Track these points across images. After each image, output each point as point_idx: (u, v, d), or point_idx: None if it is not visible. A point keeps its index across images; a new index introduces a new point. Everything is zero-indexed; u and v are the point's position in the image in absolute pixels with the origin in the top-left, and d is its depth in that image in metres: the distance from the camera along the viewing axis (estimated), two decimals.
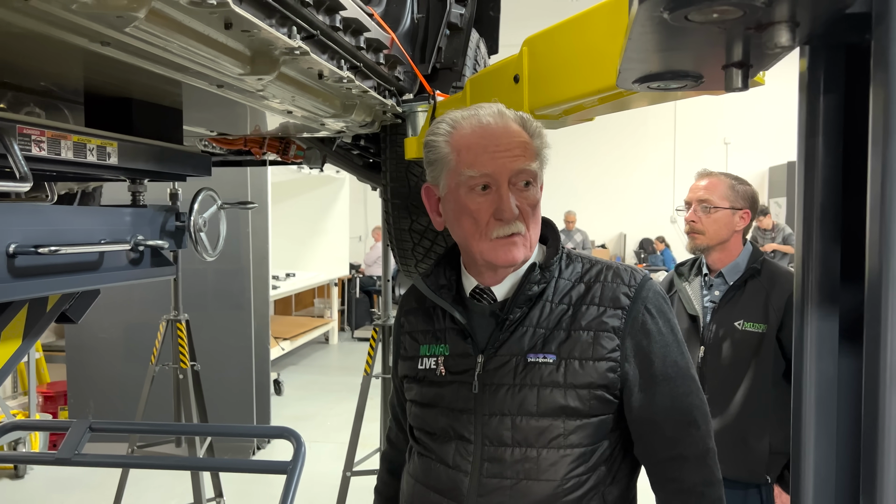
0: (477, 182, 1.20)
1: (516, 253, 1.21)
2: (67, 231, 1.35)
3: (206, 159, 1.81)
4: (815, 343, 0.81)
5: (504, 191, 1.19)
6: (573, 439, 1.19)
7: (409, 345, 1.37)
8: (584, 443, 1.20)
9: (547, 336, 1.22)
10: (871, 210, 0.64)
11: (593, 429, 1.20)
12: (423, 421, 1.30)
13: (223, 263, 5.34)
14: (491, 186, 1.20)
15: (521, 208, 1.20)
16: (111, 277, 1.46)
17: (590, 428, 1.20)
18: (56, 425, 2.75)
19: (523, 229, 1.21)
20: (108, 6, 0.90)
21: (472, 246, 1.24)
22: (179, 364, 3.74)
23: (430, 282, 1.32)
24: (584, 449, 1.20)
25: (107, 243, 1.44)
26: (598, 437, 1.21)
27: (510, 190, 1.19)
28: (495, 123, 1.22)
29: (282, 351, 7.95)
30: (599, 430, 1.21)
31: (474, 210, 1.20)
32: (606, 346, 1.20)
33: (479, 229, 1.21)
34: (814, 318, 0.81)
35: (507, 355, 1.22)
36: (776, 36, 0.71)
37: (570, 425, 1.19)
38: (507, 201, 1.18)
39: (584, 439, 1.20)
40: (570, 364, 1.19)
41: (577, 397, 1.19)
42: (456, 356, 1.27)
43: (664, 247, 12.61)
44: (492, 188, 1.20)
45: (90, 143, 1.36)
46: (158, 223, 1.67)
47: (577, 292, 1.25)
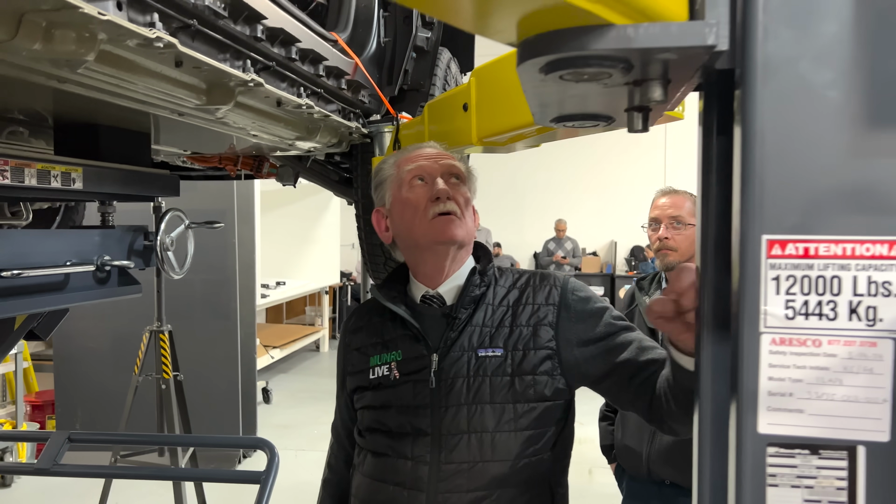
0: (414, 174, 1.39)
1: (455, 229, 1.36)
2: (33, 254, 1.42)
3: (173, 180, 1.88)
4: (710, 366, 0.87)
5: (437, 179, 1.37)
6: (523, 423, 1.33)
7: (356, 360, 1.46)
8: (533, 426, 1.33)
9: (493, 333, 1.37)
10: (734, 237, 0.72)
11: (540, 413, 1.34)
12: (379, 422, 1.40)
13: (210, 274, 5.41)
14: (426, 179, 1.38)
15: (453, 196, 1.37)
16: (77, 297, 1.53)
17: (537, 412, 1.34)
18: (36, 436, 2.81)
19: (457, 210, 1.37)
20: (57, 52, 0.97)
21: (416, 233, 1.38)
22: (162, 374, 3.79)
23: (384, 293, 1.43)
24: (534, 432, 1.34)
25: (72, 265, 1.51)
26: (545, 423, 1.35)
27: (444, 179, 1.38)
28: (430, 148, 1.44)
29: (271, 359, 8.00)
30: (545, 416, 1.35)
31: (414, 200, 1.38)
32: (544, 336, 1.36)
33: (419, 214, 1.37)
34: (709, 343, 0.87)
35: (460, 351, 1.36)
36: (651, 91, 0.78)
37: (521, 409, 1.33)
38: (440, 184, 1.36)
39: (533, 423, 1.33)
40: (516, 355, 1.34)
41: (523, 383, 1.33)
42: (409, 359, 1.39)
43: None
44: (427, 180, 1.38)
45: (54, 170, 1.43)
46: (126, 243, 1.74)
47: (513, 296, 1.41)
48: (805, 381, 0.71)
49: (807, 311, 0.71)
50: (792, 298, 0.71)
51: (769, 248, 0.71)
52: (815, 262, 0.70)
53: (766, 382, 0.72)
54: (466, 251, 1.43)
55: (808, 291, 0.71)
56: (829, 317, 0.70)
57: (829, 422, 0.71)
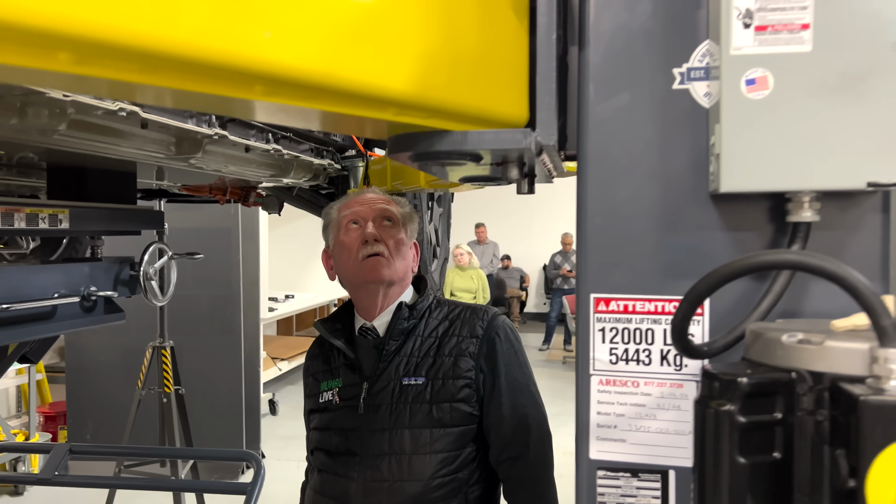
0: (350, 219, 1.54)
1: (381, 269, 1.50)
2: (26, 287, 1.60)
3: (158, 215, 2.05)
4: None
5: (368, 223, 1.52)
6: (438, 446, 1.45)
7: (311, 384, 1.62)
8: (448, 448, 1.46)
9: (418, 363, 1.50)
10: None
11: (455, 437, 1.46)
12: (322, 442, 1.56)
13: (215, 289, 5.61)
14: (359, 223, 1.53)
15: (383, 239, 1.51)
16: (64, 326, 1.70)
17: (452, 436, 1.46)
18: (39, 448, 2.99)
19: (385, 251, 1.51)
20: (32, 126, 1.14)
21: (349, 272, 1.54)
22: (164, 388, 3.98)
23: (328, 326, 1.58)
24: (448, 454, 1.46)
25: (60, 296, 1.68)
26: (460, 445, 1.47)
27: (375, 223, 1.52)
28: (370, 193, 1.58)
29: (279, 371, 8.18)
30: (461, 439, 1.47)
31: (348, 242, 1.53)
32: (463, 367, 1.48)
33: (352, 256, 1.52)
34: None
35: (387, 380, 1.49)
36: (509, 171, 0.94)
37: (437, 434, 1.45)
38: (369, 229, 1.51)
39: (448, 446, 1.46)
40: (436, 384, 1.47)
41: (441, 410, 1.46)
42: (347, 386, 1.54)
43: None
44: (360, 224, 1.53)
45: (42, 213, 1.60)
46: (113, 274, 1.91)
47: (443, 328, 1.54)
48: (626, 416, 0.85)
49: (627, 357, 0.85)
50: (615, 346, 0.85)
51: (596, 304, 0.86)
52: (633, 317, 0.85)
53: (596, 416, 0.86)
54: (401, 287, 1.57)
55: (627, 341, 0.85)
56: (644, 362, 0.85)
57: (646, 450, 0.85)
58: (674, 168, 0.83)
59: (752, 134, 0.71)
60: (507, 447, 1.48)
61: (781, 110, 0.70)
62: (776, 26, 0.70)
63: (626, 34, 0.84)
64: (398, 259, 1.53)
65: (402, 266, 1.55)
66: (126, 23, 0.46)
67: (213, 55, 0.52)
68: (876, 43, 0.68)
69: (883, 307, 0.56)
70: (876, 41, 0.68)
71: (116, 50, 0.46)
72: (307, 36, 0.58)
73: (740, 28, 0.71)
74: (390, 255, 1.51)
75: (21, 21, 0.42)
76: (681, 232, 0.83)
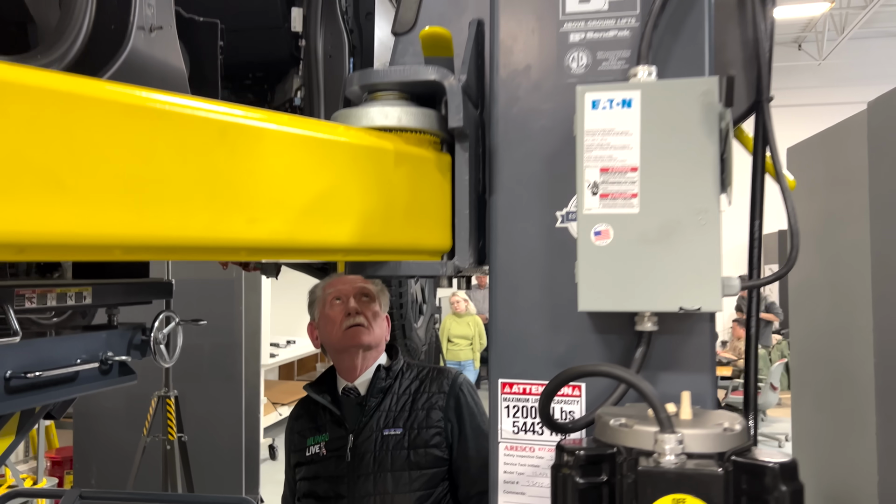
0: (333, 296, 1.84)
1: (362, 336, 1.80)
2: (52, 355, 1.87)
3: (167, 286, 2.33)
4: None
5: (349, 298, 1.82)
6: (416, 485, 1.74)
7: (297, 441, 1.87)
8: (424, 487, 1.75)
9: (396, 416, 1.79)
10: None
11: (430, 477, 1.75)
12: (311, 490, 1.83)
13: (218, 338, 5.86)
14: (342, 298, 1.81)
15: (363, 312, 1.80)
16: (84, 388, 1.97)
17: (427, 476, 1.75)
18: (52, 493, 3.23)
19: (365, 322, 1.81)
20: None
21: (334, 340, 1.83)
22: (168, 436, 4.21)
23: (315, 388, 1.85)
24: (424, 492, 1.75)
25: (82, 361, 1.95)
26: (434, 484, 1.76)
27: (356, 299, 1.82)
28: (349, 275, 1.85)
29: (279, 416, 8.37)
30: (434, 479, 1.76)
31: (332, 315, 1.83)
32: (434, 418, 1.78)
33: (337, 326, 1.82)
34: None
35: (370, 431, 1.79)
36: (442, 281, 1.21)
37: (415, 475, 1.74)
38: (351, 303, 1.81)
39: (424, 485, 1.75)
40: (412, 433, 1.77)
41: (417, 455, 1.75)
42: (334, 439, 1.82)
43: None
44: (343, 300, 1.80)
45: (69, 291, 1.88)
46: (127, 339, 2.18)
47: (415, 386, 1.85)
48: (525, 474, 1.11)
49: (525, 429, 1.12)
50: (517, 420, 1.12)
51: (502, 387, 1.12)
52: (530, 397, 1.11)
53: (503, 475, 1.12)
54: (377, 351, 1.86)
55: (526, 416, 1.12)
56: (538, 433, 1.11)
57: (540, 501, 1.10)
58: (558, 284, 1.10)
59: (599, 270, 0.99)
60: (474, 485, 1.75)
61: (619, 254, 0.98)
62: (614, 195, 0.98)
63: (523, 183, 1.13)
64: (376, 327, 1.83)
65: (379, 332, 1.85)
66: (163, 229, 0.74)
67: (215, 241, 0.80)
68: (683, 208, 0.96)
69: (662, 405, 0.83)
70: (683, 207, 0.96)
71: (146, 248, 0.75)
72: (276, 219, 0.86)
73: (590, 195, 0.99)
74: (369, 324, 1.81)
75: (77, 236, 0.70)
76: (564, 333, 1.10)
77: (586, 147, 0.99)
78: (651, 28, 1.03)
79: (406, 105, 1.08)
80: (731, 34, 1.13)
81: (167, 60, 1.37)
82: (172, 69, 1.37)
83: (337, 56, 2.43)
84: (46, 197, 0.64)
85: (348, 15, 2.58)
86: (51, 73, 0.70)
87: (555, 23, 1.10)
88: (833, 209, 3.79)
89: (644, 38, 1.03)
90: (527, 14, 1.12)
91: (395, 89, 1.09)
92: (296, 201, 0.88)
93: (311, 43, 2.36)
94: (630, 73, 1.02)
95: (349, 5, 2.59)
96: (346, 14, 2.53)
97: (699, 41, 1.06)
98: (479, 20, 1.19)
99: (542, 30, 1.11)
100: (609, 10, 1.08)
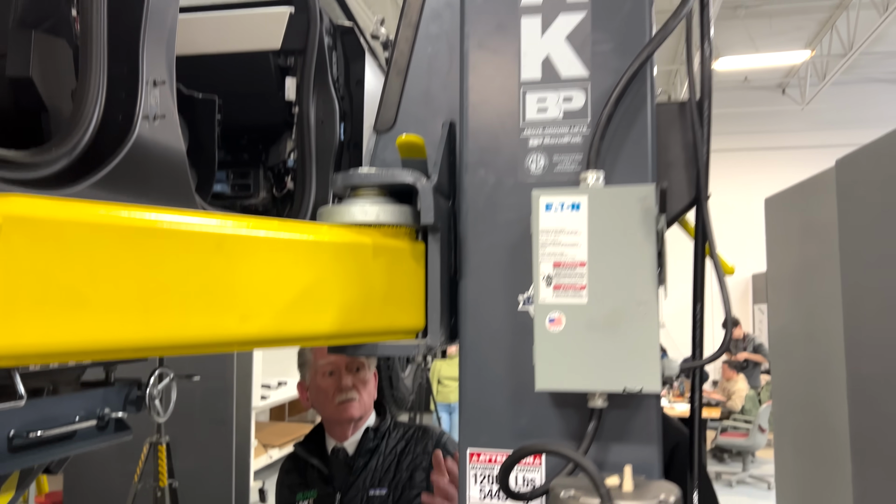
0: (325, 369, 1.91)
1: (353, 411, 1.90)
2: (52, 414, 1.96)
3: None
4: None
5: (343, 372, 1.90)
6: None
7: (287, 495, 1.97)
8: None
9: (381, 477, 1.89)
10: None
11: None
12: None
13: (210, 383, 5.91)
14: (334, 372, 1.90)
15: (355, 384, 1.90)
16: (82, 445, 2.06)
17: None
18: None
19: (356, 396, 1.91)
20: None
21: (326, 411, 1.90)
22: (158, 482, 4.26)
23: (304, 446, 1.94)
24: None
25: (80, 419, 2.04)
26: None
27: (346, 372, 1.88)
28: None
29: (270, 459, 8.37)
30: None
31: (325, 387, 1.92)
32: (418, 479, 1.88)
33: (328, 399, 1.92)
34: None
35: (356, 490, 1.88)
36: (418, 357, 1.33)
37: None
38: (344, 379, 1.90)
39: None
40: (396, 493, 1.86)
41: None
42: (322, 496, 1.92)
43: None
44: (335, 373, 1.89)
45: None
46: (123, 395, 2.28)
47: (400, 446, 1.94)
48: None
49: (491, 494, 1.22)
50: (483, 486, 1.23)
51: (470, 456, 1.23)
52: (495, 465, 1.22)
53: None
54: (366, 416, 1.95)
55: (492, 482, 1.22)
56: (503, 499, 1.22)
57: None
58: (521, 362, 1.22)
59: (554, 353, 1.11)
60: None
61: (571, 339, 1.10)
62: (566, 286, 1.11)
63: (489, 269, 1.25)
64: (366, 395, 1.93)
65: (369, 401, 1.95)
66: (166, 332, 0.86)
67: (210, 339, 0.92)
68: (626, 299, 1.09)
69: (602, 481, 0.94)
70: (626, 298, 1.09)
71: (151, 349, 0.87)
72: (265, 315, 0.98)
73: (545, 286, 1.11)
74: (360, 396, 1.91)
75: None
76: (526, 406, 1.22)
77: (541, 244, 1.12)
78: (599, 138, 1.17)
79: (384, 202, 1.21)
80: (674, 137, 1.27)
81: (169, 144, 1.51)
82: (173, 152, 1.50)
83: (328, 121, 2.59)
84: (71, 313, 0.76)
85: (339, 83, 2.75)
86: (74, 203, 0.82)
87: (516, 129, 1.24)
88: (808, 259, 3.94)
89: (592, 146, 1.17)
90: (492, 119, 1.26)
91: (374, 187, 1.23)
92: (283, 298, 1.01)
93: (304, 110, 2.52)
94: (581, 176, 1.16)
95: (340, 74, 2.76)
96: (337, 82, 2.70)
97: (643, 147, 1.20)
98: (451, 121, 1.34)
99: (505, 135, 1.25)
100: (563, 118, 1.23)
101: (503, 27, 1.25)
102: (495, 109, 1.26)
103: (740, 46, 11.05)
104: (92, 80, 1.26)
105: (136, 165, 1.32)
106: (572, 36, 1.22)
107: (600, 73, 1.21)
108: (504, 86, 1.26)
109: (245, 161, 2.69)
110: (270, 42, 2.48)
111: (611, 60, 1.21)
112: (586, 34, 1.22)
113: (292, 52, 2.51)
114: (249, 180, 2.72)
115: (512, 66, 1.25)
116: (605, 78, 1.21)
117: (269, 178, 2.66)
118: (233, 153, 2.64)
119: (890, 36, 11.08)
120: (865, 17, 10.23)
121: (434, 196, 1.19)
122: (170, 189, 1.42)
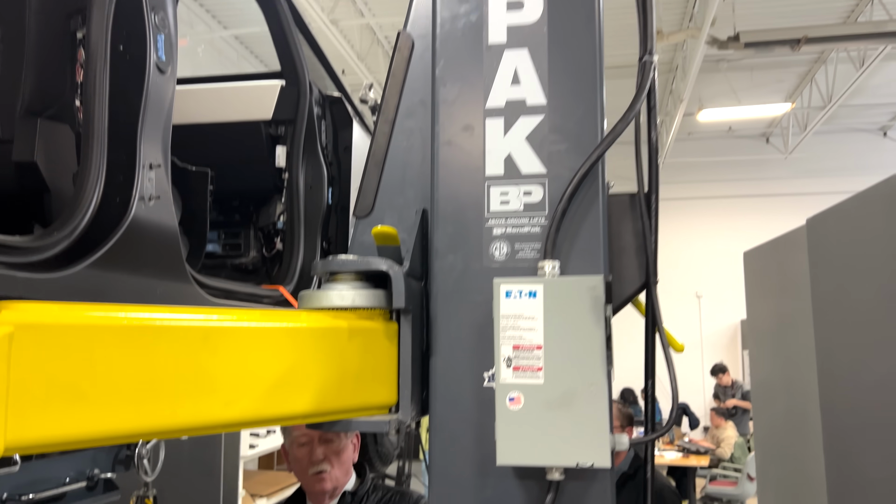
0: (301, 440, 2.01)
1: (324, 484, 1.99)
2: (44, 476, 2.03)
3: None
4: None
5: (315, 445, 1.98)
6: None
7: None
8: None
9: None
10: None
11: None
12: None
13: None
14: (306, 444, 1.99)
15: (326, 455, 1.97)
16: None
17: None
18: None
19: (328, 468, 1.98)
20: None
21: (302, 480, 2.02)
22: None
23: None
24: None
25: (71, 481, 2.11)
26: None
27: (318, 444, 1.95)
28: None
29: None
30: None
31: (300, 457, 2.02)
32: None
33: (302, 470, 2.01)
34: None
35: None
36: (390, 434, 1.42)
37: None
38: (315, 452, 1.98)
39: None
40: None
41: None
42: None
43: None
44: (307, 444, 1.99)
45: None
46: (112, 455, 2.34)
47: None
48: None
49: None
50: None
51: None
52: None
53: None
54: (346, 478, 2.03)
55: None
56: None
57: None
58: (486, 436, 1.31)
59: (514, 429, 1.20)
60: None
61: (529, 417, 1.20)
62: (524, 367, 1.21)
63: (457, 348, 1.36)
64: (339, 469, 2.01)
65: (343, 471, 2.03)
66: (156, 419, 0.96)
67: (196, 423, 1.02)
68: (578, 380, 1.19)
69: None
70: (578, 379, 1.19)
71: (142, 434, 0.96)
72: (247, 399, 1.08)
73: (505, 367, 1.22)
74: (332, 468, 1.99)
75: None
76: (491, 478, 1.31)
77: (502, 328, 1.23)
78: (555, 230, 1.29)
79: (360, 287, 1.32)
80: (625, 225, 1.39)
81: (162, 222, 1.62)
82: (167, 229, 1.61)
83: (317, 186, 2.72)
84: (72, 408, 0.86)
85: (328, 150, 2.89)
86: (76, 308, 0.93)
87: (481, 219, 1.36)
88: (784, 313, 4.05)
89: (549, 238, 1.29)
90: (460, 210, 1.38)
91: (352, 273, 1.34)
92: (264, 382, 1.11)
93: (294, 176, 2.65)
94: (539, 265, 1.28)
95: (329, 141, 2.91)
96: (325, 149, 2.84)
97: (595, 238, 1.32)
98: (424, 209, 1.46)
99: (471, 224, 1.37)
100: (524, 210, 1.35)
101: (470, 128, 1.38)
102: (463, 201, 1.38)
103: (723, 98, 11.38)
104: (93, 166, 1.36)
105: (131, 245, 1.43)
106: (531, 136, 1.35)
107: (556, 170, 1.34)
108: (471, 179, 1.38)
109: (236, 222, 2.81)
110: (262, 113, 2.63)
111: (566, 159, 1.34)
112: (544, 135, 1.35)
113: (283, 122, 2.66)
114: (240, 240, 2.84)
115: (478, 162, 1.38)
116: (560, 174, 1.34)
117: (259, 239, 2.78)
118: (224, 214, 2.77)
119: (867, 89, 11.44)
120: (843, 70, 10.59)
121: (406, 280, 1.30)
122: (162, 265, 1.52)
